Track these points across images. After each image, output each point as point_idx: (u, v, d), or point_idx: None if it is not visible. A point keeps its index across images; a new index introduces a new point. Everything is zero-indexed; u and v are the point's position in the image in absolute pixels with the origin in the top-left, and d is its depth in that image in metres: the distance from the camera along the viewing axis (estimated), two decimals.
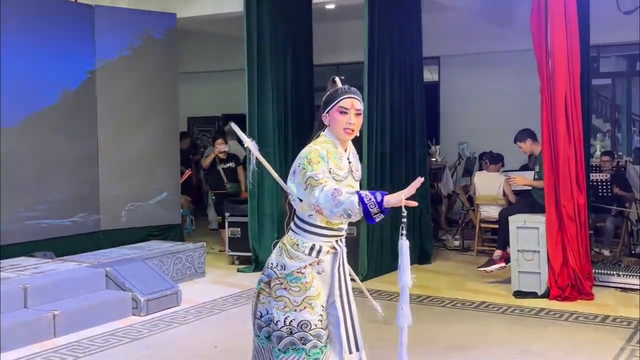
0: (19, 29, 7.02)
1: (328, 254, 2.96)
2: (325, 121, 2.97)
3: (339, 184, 2.87)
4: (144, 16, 8.28)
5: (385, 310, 5.86)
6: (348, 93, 2.96)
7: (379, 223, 2.71)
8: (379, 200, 2.58)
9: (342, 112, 2.92)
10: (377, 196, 2.59)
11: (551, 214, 6.17)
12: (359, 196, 2.60)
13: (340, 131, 2.93)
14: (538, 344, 4.96)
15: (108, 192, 7.91)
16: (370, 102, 7.19)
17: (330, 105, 2.94)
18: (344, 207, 2.65)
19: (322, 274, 2.96)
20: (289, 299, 2.89)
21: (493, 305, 6.02)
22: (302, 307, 2.89)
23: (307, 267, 2.91)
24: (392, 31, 7.59)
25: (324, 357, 2.94)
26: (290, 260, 2.91)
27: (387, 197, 2.60)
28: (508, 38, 10.21)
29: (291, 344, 2.88)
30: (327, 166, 2.86)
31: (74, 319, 5.37)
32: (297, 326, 2.88)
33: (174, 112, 8.61)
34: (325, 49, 9.99)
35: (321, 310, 2.93)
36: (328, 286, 2.98)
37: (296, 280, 2.90)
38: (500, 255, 6.84)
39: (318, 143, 2.93)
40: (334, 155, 2.92)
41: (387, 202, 2.60)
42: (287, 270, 2.90)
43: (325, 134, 2.98)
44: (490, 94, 10.82)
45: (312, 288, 2.91)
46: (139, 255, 6.73)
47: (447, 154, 10.49)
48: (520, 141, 7.01)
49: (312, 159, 2.84)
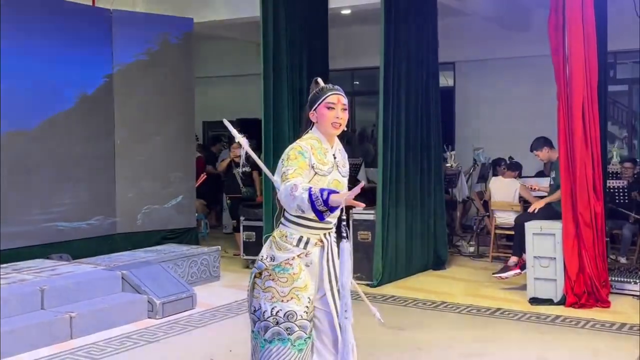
0: (38, 33, 7.10)
1: (316, 246, 3.05)
2: (313, 118, 3.09)
3: (322, 178, 3.00)
4: (161, 21, 8.34)
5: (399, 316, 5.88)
6: (334, 90, 3.10)
7: (327, 218, 2.79)
8: (325, 198, 2.67)
9: (329, 107, 3.06)
10: (323, 194, 2.68)
11: (568, 220, 6.13)
12: (309, 193, 2.70)
13: (329, 126, 3.06)
14: (554, 352, 4.93)
15: (124, 195, 7.96)
16: (386, 107, 7.19)
17: (318, 102, 3.08)
18: (297, 203, 2.75)
19: (311, 266, 3.04)
20: (277, 289, 2.98)
21: (509, 312, 5.99)
22: (289, 298, 2.97)
23: (295, 258, 3.00)
24: (408, 36, 7.59)
25: (307, 348, 3.02)
26: (279, 251, 3.01)
27: (333, 196, 2.68)
28: (524, 44, 10.18)
29: (277, 334, 2.96)
30: (308, 162, 2.97)
31: (90, 321, 5.40)
32: (284, 316, 2.96)
33: (190, 116, 8.66)
34: (340, 54, 10.00)
35: (307, 302, 3.01)
36: (317, 279, 3.05)
37: (284, 271, 2.99)
38: (515, 262, 6.81)
39: (303, 140, 3.06)
40: (318, 150, 3.03)
41: (332, 200, 2.68)
42: (276, 261, 3.00)
43: (311, 132, 3.10)
44: (506, 99, 10.79)
45: (299, 279, 3.00)
46: (155, 258, 6.76)
47: (461, 159, 10.46)
48: (537, 150, 6.97)
49: (291, 155, 2.97)
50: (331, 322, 3.09)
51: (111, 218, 7.86)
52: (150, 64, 8.16)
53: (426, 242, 7.85)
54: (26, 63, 6.97)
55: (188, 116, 8.62)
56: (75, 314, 5.31)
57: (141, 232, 8.04)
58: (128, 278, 6.03)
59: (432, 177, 7.98)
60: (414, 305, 6.32)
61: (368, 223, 7.24)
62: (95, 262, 6.54)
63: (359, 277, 7.20)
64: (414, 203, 7.66)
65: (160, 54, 8.25)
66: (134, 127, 8.01)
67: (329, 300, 3.06)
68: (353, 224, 7.32)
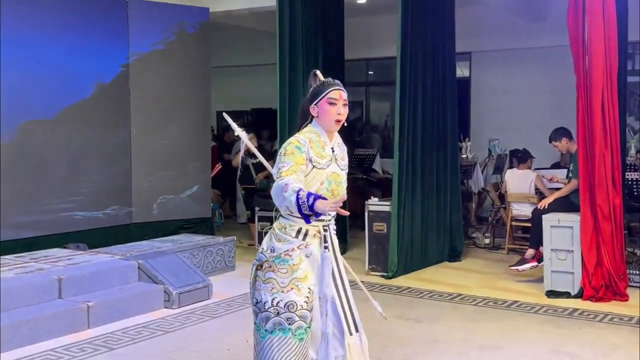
0: (56, 23, 7.11)
1: (315, 238, 3.08)
2: (314, 112, 3.10)
3: (320, 171, 3.05)
4: (178, 10, 8.33)
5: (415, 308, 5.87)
6: (335, 85, 3.11)
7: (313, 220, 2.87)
8: (310, 203, 2.72)
9: (331, 103, 3.07)
10: (309, 199, 2.72)
11: (586, 213, 6.08)
12: (297, 197, 2.75)
13: (331, 121, 3.08)
14: (572, 345, 4.90)
15: (140, 185, 7.99)
16: (403, 97, 7.15)
17: (319, 97, 3.08)
18: (286, 204, 2.81)
19: (310, 257, 3.07)
20: (277, 280, 3.02)
21: (525, 305, 5.96)
22: (288, 288, 3.01)
23: (295, 249, 3.04)
24: (425, 26, 7.53)
25: (307, 337, 3.06)
26: (279, 242, 3.05)
27: (318, 202, 2.72)
28: (541, 34, 10.09)
29: (278, 324, 3.00)
30: (305, 156, 3.00)
31: (107, 311, 5.43)
32: (284, 307, 3.00)
33: (205, 106, 8.66)
34: (355, 44, 9.96)
35: (307, 292, 3.04)
36: (317, 270, 3.08)
37: (284, 262, 3.03)
38: (532, 255, 6.77)
39: (302, 133, 3.09)
40: (317, 143, 3.06)
41: (317, 207, 2.72)
42: (276, 252, 3.04)
43: (311, 125, 3.12)
44: (522, 90, 10.71)
45: (299, 270, 3.03)
46: (171, 248, 6.78)
47: (477, 150, 10.40)
48: (556, 140, 6.92)
49: (288, 150, 2.99)
50: (335, 310, 3.12)
51: (127, 208, 7.89)
52: (167, 54, 8.16)
53: (442, 234, 7.82)
54: (44, 53, 7.00)
55: (204, 106, 8.62)
56: (92, 303, 5.33)
57: (157, 222, 8.07)
58: (145, 268, 6.06)
59: (448, 168, 7.94)
60: (430, 297, 6.30)
61: (383, 214, 7.22)
62: (111, 252, 6.56)
63: (374, 269, 7.21)
64: (429, 194, 7.62)
65: (177, 43, 8.25)
66: (150, 116, 8.03)
67: (333, 291, 3.10)
68: (369, 215, 7.30)
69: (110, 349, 4.86)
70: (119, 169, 7.81)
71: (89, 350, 4.82)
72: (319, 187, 3.06)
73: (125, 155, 7.87)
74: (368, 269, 7.24)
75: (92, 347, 4.90)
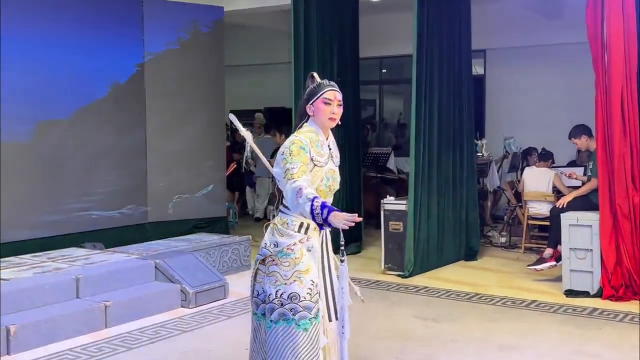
0: (71, 23, 7.11)
1: (315, 231, 3.24)
2: (310, 112, 3.27)
3: (320, 169, 3.21)
4: (192, 9, 8.32)
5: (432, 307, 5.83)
6: (330, 86, 3.29)
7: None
8: (325, 216, 2.91)
9: (326, 103, 3.25)
10: (324, 212, 2.91)
11: (605, 211, 6.02)
12: (311, 206, 2.93)
13: (326, 120, 3.26)
14: (592, 346, 4.85)
15: (155, 184, 7.99)
16: (419, 95, 7.11)
17: (315, 97, 3.26)
18: (300, 209, 3.02)
19: (312, 250, 3.23)
20: (280, 273, 3.17)
21: (544, 304, 5.91)
22: (291, 281, 3.16)
23: (297, 243, 3.19)
24: (440, 23, 7.49)
25: (313, 328, 3.18)
26: (282, 237, 3.20)
27: (332, 217, 2.89)
28: (556, 31, 10.02)
29: (282, 315, 3.16)
30: (309, 155, 3.15)
31: (124, 310, 5.43)
32: (287, 298, 3.15)
33: (220, 105, 8.65)
34: (370, 42, 9.92)
35: (310, 284, 3.19)
36: (318, 262, 3.25)
37: (286, 256, 3.18)
38: (551, 254, 6.72)
39: (302, 133, 3.24)
40: (316, 143, 3.23)
41: (331, 221, 2.91)
42: (279, 247, 3.19)
43: (308, 124, 3.29)
44: (537, 88, 10.64)
45: (301, 263, 3.18)
46: (187, 247, 6.78)
47: (492, 149, 10.33)
48: (575, 137, 6.86)
49: (293, 150, 3.13)
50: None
51: (142, 207, 7.89)
52: (181, 53, 8.15)
53: (458, 233, 7.78)
54: (59, 53, 7.00)
55: (218, 105, 8.61)
56: (110, 303, 5.33)
57: (172, 221, 8.07)
58: (161, 267, 6.05)
59: (464, 166, 7.89)
60: (447, 296, 6.26)
61: (400, 213, 7.18)
62: (128, 251, 6.57)
63: (390, 268, 7.18)
64: (446, 193, 7.58)
65: (191, 42, 8.24)
66: (165, 116, 8.03)
67: (320, 278, 3.25)
68: (384, 214, 7.27)
69: (128, 349, 4.86)
70: (134, 169, 7.81)
71: (106, 350, 4.82)
72: (319, 183, 3.23)
73: (140, 155, 7.87)
74: (384, 268, 7.21)
75: (110, 346, 4.90)
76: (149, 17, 7.89)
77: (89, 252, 6.55)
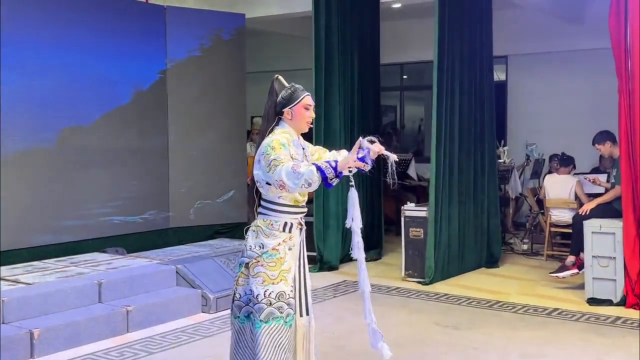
0: (94, 30, 7.20)
1: (297, 229, 3.35)
2: (288, 116, 3.33)
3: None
4: (214, 17, 8.39)
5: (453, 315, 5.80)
6: (306, 92, 3.39)
7: (335, 186, 3.11)
8: (334, 166, 3.01)
9: (306, 108, 3.37)
10: (331, 163, 3.02)
11: (629, 219, 5.95)
12: (316, 165, 3.03)
13: (304, 124, 3.37)
14: (615, 355, 4.80)
15: (177, 190, 8.05)
16: (440, 101, 7.09)
17: (295, 102, 3.33)
18: (304, 177, 3.01)
19: (293, 249, 3.34)
20: (267, 273, 3.26)
21: (566, 312, 5.86)
22: (278, 280, 3.27)
23: (281, 243, 3.28)
24: (461, 30, 7.47)
25: (295, 323, 3.34)
26: (267, 238, 3.28)
27: (340, 163, 3.03)
28: (579, 36, 9.94)
29: (271, 314, 3.24)
30: (289, 152, 3.21)
31: (146, 315, 5.47)
32: (275, 297, 3.25)
33: (241, 112, 8.70)
34: (390, 48, 9.92)
35: (292, 281, 3.33)
36: (296, 260, 3.37)
37: (272, 256, 3.27)
38: (573, 261, 6.65)
39: (277, 134, 3.29)
40: (293, 142, 3.31)
41: (341, 166, 3.02)
42: (265, 248, 3.27)
43: (279, 127, 3.34)
44: (559, 94, 10.55)
45: (285, 262, 3.30)
46: (208, 252, 6.82)
47: (514, 155, 10.27)
48: (599, 144, 6.80)
49: (275, 146, 3.19)
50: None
51: (164, 212, 7.95)
52: (203, 60, 8.22)
53: (479, 240, 7.74)
54: (83, 60, 7.09)
55: (240, 111, 8.66)
56: (131, 307, 5.38)
57: (193, 227, 8.12)
58: (183, 272, 6.10)
59: (485, 173, 7.85)
60: (468, 304, 6.23)
61: (420, 220, 7.16)
62: (150, 256, 6.61)
63: (411, 275, 7.16)
64: (467, 199, 7.55)
65: (213, 49, 8.31)
66: (187, 122, 8.09)
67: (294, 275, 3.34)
68: (405, 220, 7.25)
69: (150, 353, 4.90)
70: (156, 174, 7.88)
71: (128, 355, 4.86)
72: None
73: (162, 161, 7.94)
74: (404, 275, 7.19)
75: (132, 351, 4.94)
76: (172, 25, 7.97)
77: (111, 257, 6.62)
